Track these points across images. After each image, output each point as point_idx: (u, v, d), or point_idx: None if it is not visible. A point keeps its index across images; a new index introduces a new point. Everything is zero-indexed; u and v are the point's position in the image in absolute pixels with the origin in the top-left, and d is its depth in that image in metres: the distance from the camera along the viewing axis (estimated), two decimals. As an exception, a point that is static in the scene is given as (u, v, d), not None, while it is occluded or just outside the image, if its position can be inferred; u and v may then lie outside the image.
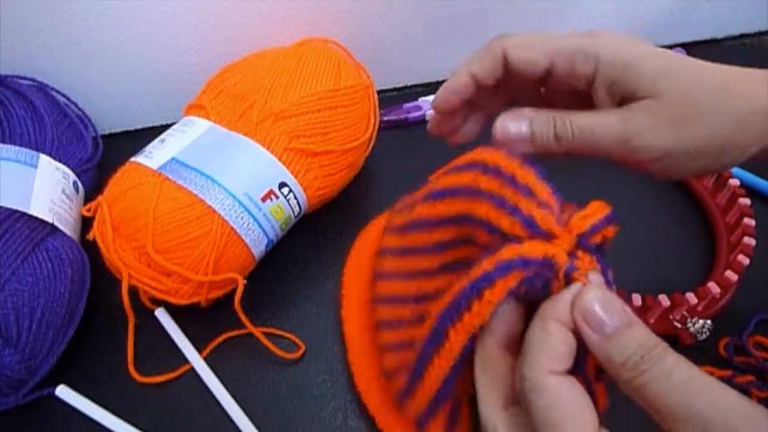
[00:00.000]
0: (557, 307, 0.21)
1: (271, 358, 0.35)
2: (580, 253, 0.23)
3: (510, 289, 0.22)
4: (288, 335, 0.36)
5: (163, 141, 0.36)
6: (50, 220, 0.34)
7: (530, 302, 0.23)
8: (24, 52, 0.42)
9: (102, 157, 0.43)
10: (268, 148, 0.35)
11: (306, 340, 0.35)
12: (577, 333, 0.21)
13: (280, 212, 0.35)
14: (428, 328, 0.25)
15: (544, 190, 0.23)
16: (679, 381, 0.19)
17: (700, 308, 0.35)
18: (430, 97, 0.49)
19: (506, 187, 0.24)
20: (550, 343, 0.21)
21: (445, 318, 0.24)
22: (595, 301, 0.21)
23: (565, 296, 0.22)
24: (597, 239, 0.23)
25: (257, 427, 0.32)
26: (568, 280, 0.22)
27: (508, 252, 0.23)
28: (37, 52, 0.42)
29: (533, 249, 0.22)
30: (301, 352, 0.35)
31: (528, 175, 0.24)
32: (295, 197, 0.36)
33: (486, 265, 0.23)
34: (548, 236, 0.23)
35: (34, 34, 0.41)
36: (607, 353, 0.20)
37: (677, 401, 0.18)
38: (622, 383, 0.20)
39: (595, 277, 0.22)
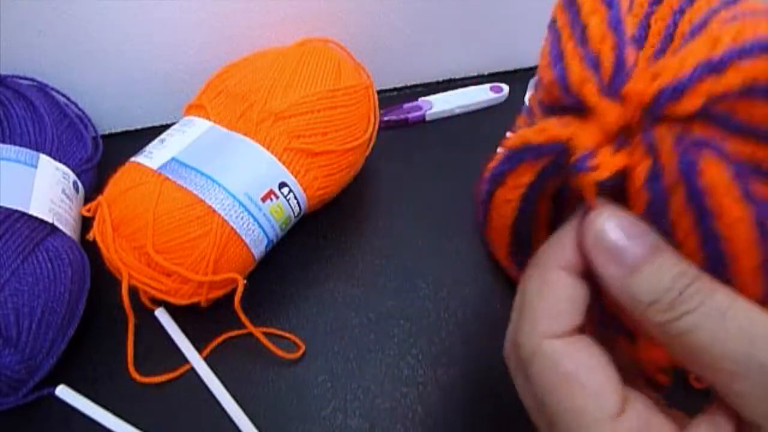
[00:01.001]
0: (555, 249, 0.17)
1: (271, 358, 0.35)
2: (636, 140, 0.16)
3: (528, 185, 0.18)
4: (288, 335, 0.36)
5: (163, 141, 0.36)
6: (50, 220, 0.34)
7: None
8: (24, 52, 0.42)
9: (102, 157, 0.43)
10: (268, 148, 0.35)
11: (306, 340, 0.35)
12: (591, 276, 0.17)
13: (280, 212, 0.35)
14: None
15: (604, 36, 0.16)
16: (738, 325, 0.14)
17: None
18: (430, 97, 0.49)
19: (566, 27, 0.17)
20: (549, 299, 0.17)
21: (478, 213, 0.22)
22: (608, 222, 0.16)
23: (566, 231, 0.17)
24: (687, 107, 0.15)
25: (257, 427, 0.32)
26: (578, 187, 0.16)
27: (514, 138, 0.18)
28: (37, 52, 0.42)
29: (543, 131, 0.17)
30: (301, 352, 0.35)
31: (595, 12, 0.17)
32: (295, 197, 0.36)
33: (498, 156, 0.19)
34: (580, 107, 0.17)
35: (34, 34, 0.41)
36: (631, 291, 0.16)
37: (734, 350, 0.14)
38: (653, 328, 0.16)
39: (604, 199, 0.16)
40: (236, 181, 0.33)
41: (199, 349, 0.35)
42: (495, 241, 0.24)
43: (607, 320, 0.19)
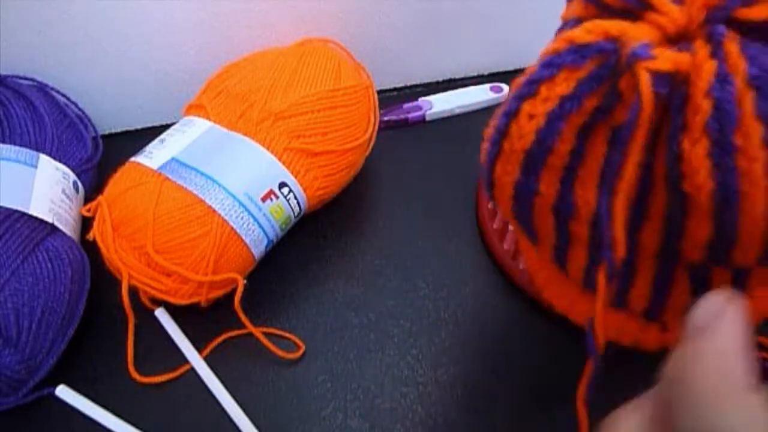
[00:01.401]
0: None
1: (271, 358, 0.35)
2: (699, 43, 0.15)
3: (563, 98, 0.16)
4: (288, 335, 0.36)
5: (163, 141, 0.36)
6: (50, 220, 0.34)
7: None
8: (24, 52, 0.42)
9: (102, 157, 0.43)
10: (268, 148, 0.35)
11: (306, 340, 0.35)
12: None
13: (280, 212, 0.35)
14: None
15: None
16: None
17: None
18: (430, 97, 0.49)
19: None
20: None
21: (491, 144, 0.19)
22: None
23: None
24: (759, 14, 0.14)
25: (257, 427, 0.32)
26: (633, 79, 0.15)
27: (556, 41, 0.17)
28: (37, 52, 0.42)
29: (593, 29, 0.16)
30: (301, 352, 0.35)
31: None
32: (295, 197, 0.36)
33: (532, 68, 0.18)
34: (643, 8, 0.15)
35: (34, 34, 0.41)
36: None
37: None
38: None
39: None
40: (236, 181, 0.34)
41: (199, 349, 0.35)
42: (501, 181, 0.21)
43: None
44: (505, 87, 0.50)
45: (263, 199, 0.34)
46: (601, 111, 0.17)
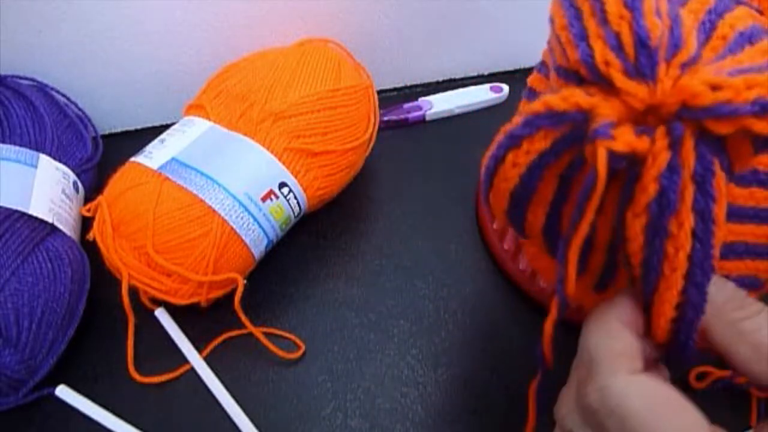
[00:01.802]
0: (617, 308, 0.20)
1: (271, 358, 0.35)
2: (660, 131, 0.16)
3: (541, 153, 0.19)
4: (288, 335, 0.36)
5: (163, 141, 0.36)
6: (50, 220, 0.34)
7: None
8: (24, 52, 0.42)
9: (102, 157, 0.43)
10: (268, 148, 0.35)
11: (306, 340, 0.35)
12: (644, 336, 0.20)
13: (280, 212, 0.35)
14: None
15: (621, 15, 0.17)
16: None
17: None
18: (430, 97, 0.49)
19: (587, 2, 0.18)
20: (622, 343, 0.19)
21: (484, 182, 0.22)
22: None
23: (626, 295, 0.20)
24: (729, 129, 0.15)
25: (257, 427, 0.32)
26: (590, 152, 0.16)
27: (537, 103, 0.18)
28: (37, 52, 0.42)
29: (567, 98, 0.17)
30: (301, 352, 0.35)
31: None
32: (295, 197, 0.36)
33: (516, 120, 0.19)
34: (609, 86, 0.17)
35: (34, 34, 0.41)
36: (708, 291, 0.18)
37: None
38: (723, 325, 0.19)
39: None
40: (236, 181, 0.33)
41: (199, 349, 0.35)
42: (494, 205, 0.24)
43: None
44: (505, 87, 0.50)
45: (263, 199, 0.34)
46: (575, 165, 0.19)
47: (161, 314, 0.36)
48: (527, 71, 0.54)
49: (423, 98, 0.50)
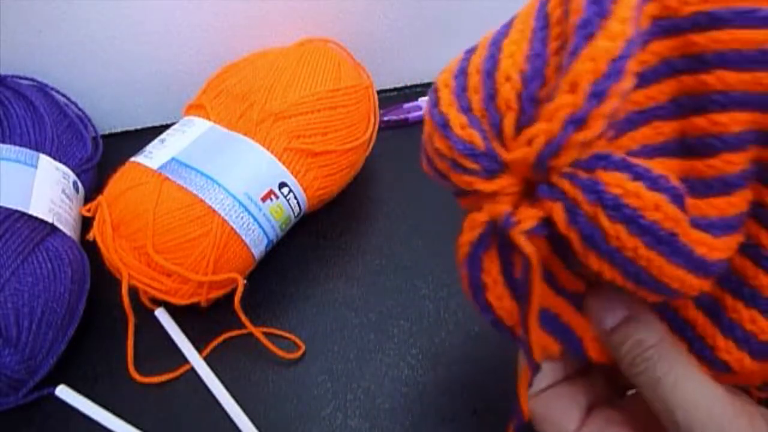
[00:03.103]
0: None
1: (271, 358, 0.35)
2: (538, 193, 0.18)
3: (502, 266, 0.21)
4: (288, 335, 0.36)
5: (163, 141, 0.36)
6: (50, 220, 0.34)
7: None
8: (24, 52, 0.42)
9: (102, 157, 0.43)
10: (268, 148, 0.35)
11: (306, 340, 0.35)
12: None
13: (280, 212, 0.35)
14: None
15: (462, 125, 0.18)
16: (665, 390, 0.18)
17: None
18: (430, 97, 0.49)
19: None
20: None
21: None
22: (591, 298, 0.21)
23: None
24: (566, 159, 0.16)
25: (257, 427, 0.32)
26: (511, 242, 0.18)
27: (461, 246, 0.22)
28: (37, 52, 0.42)
29: (474, 225, 0.20)
30: (301, 352, 0.35)
31: (449, 104, 0.19)
32: (295, 197, 0.36)
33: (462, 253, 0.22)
34: (491, 172, 0.18)
35: (34, 34, 0.41)
36: (609, 346, 0.20)
37: (661, 410, 0.18)
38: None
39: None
40: (236, 181, 0.33)
41: (199, 349, 0.35)
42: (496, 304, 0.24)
43: None
44: (505, 87, 0.50)
45: (263, 199, 0.34)
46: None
47: (161, 314, 0.36)
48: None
49: (423, 98, 0.50)
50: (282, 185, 0.35)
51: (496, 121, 0.18)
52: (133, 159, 0.35)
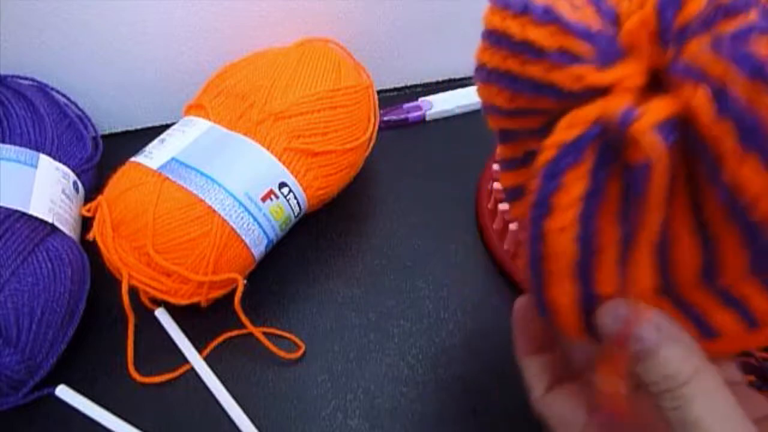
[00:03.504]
0: (520, 341, 0.24)
1: (271, 358, 0.35)
2: (672, 78, 0.13)
3: (584, 197, 0.15)
4: (288, 335, 0.36)
5: (163, 141, 0.36)
6: (50, 220, 0.34)
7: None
8: (24, 52, 0.42)
9: (102, 157, 0.43)
10: (268, 148, 0.35)
11: (306, 340, 0.35)
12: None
13: (280, 212, 0.35)
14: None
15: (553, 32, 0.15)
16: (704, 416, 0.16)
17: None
18: (430, 97, 0.49)
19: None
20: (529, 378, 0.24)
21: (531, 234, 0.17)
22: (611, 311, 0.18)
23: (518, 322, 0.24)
24: (694, 6, 0.13)
25: (257, 427, 0.32)
26: (631, 139, 0.13)
27: (542, 155, 0.16)
28: (37, 52, 0.42)
29: (571, 125, 0.15)
30: (301, 352, 0.35)
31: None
32: (295, 197, 0.36)
33: (536, 171, 0.16)
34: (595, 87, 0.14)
35: (34, 34, 0.41)
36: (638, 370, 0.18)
37: None
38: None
39: None
40: (236, 181, 0.33)
41: (199, 349, 0.35)
42: (558, 300, 0.18)
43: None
44: (505, 87, 0.50)
45: (263, 199, 0.34)
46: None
47: (161, 314, 0.36)
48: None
49: (423, 98, 0.50)
50: (282, 185, 0.35)
51: (608, 9, 0.14)
52: (133, 159, 0.35)
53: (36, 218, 0.34)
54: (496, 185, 0.39)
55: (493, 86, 0.18)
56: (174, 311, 0.35)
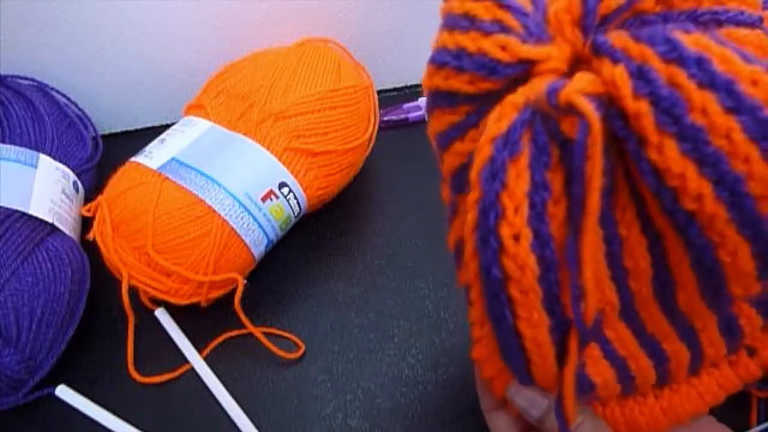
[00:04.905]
0: (485, 399, 0.25)
1: (271, 358, 0.35)
2: (595, 61, 0.14)
3: (532, 184, 0.15)
4: (288, 335, 0.36)
5: (163, 141, 0.36)
6: (50, 220, 0.34)
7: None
8: (24, 52, 0.42)
9: (102, 157, 0.43)
10: (268, 148, 0.35)
11: (306, 340, 0.35)
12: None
13: (280, 212, 0.35)
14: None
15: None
16: None
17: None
18: (430, 97, 0.49)
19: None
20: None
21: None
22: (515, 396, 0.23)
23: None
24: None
25: (257, 427, 0.32)
26: (565, 109, 0.14)
27: (482, 142, 0.16)
28: (37, 52, 0.42)
29: (503, 111, 0.15)
30: (301, 352, 0.35)
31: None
32: (295, 197, 0.36)
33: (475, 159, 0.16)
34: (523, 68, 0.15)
35: (34, 34, 0.41)
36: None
37: None
38: None
39: None
40: (236, 181, 0.33)
41: (199, 349, 0.35)
42: (530, 336, 0.17)
43: None
44: (505, 87, 0.50)
45: (263, 199, 0.34)
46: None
47: (161, 314, 0.36)
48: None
49: (423, 98, 0.50)
50: (282, 185, 0.35)
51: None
52: (133, 159, 0.35)
53: (36, 218, 0.34)
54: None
55: (436, 66, 0.19)
56: (174, 311, 0.35)
